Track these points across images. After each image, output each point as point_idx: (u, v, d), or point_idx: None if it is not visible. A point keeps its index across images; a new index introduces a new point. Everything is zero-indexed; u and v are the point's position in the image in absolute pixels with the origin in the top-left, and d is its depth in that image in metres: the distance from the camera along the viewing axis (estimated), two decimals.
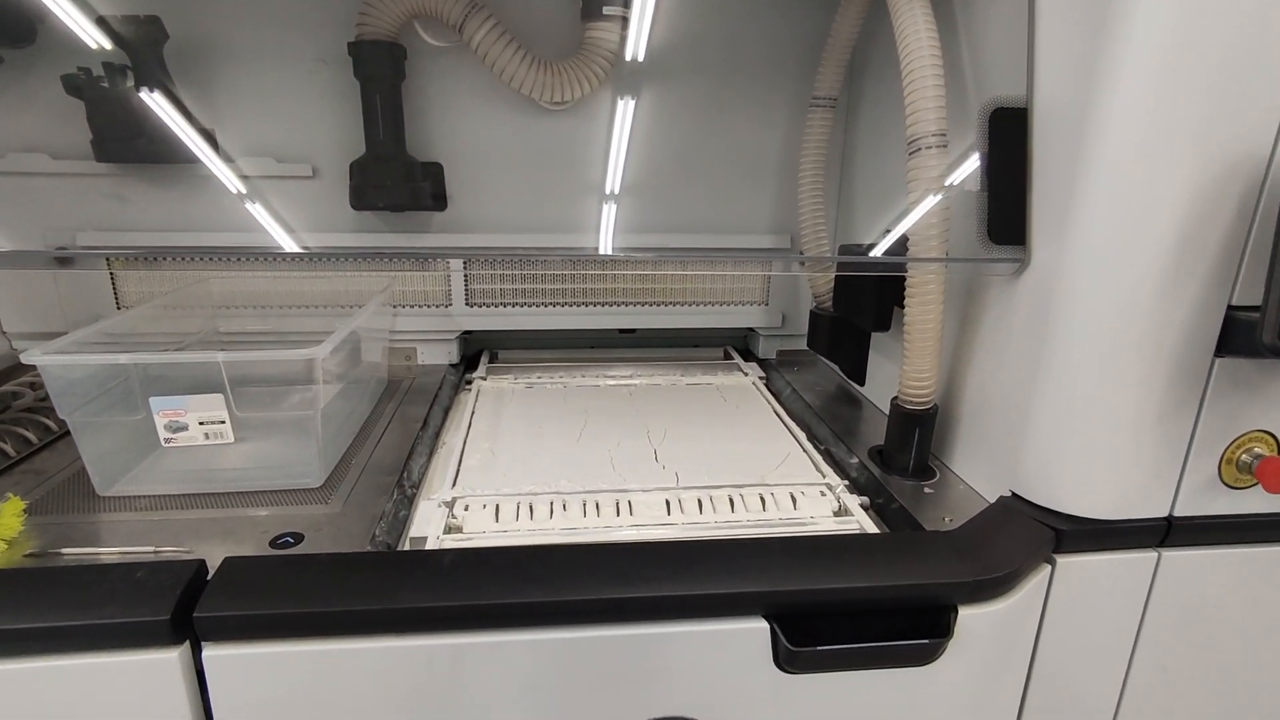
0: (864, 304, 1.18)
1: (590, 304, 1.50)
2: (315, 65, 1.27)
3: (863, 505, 0.98)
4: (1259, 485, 0.84)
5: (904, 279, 0.99)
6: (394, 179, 1.29)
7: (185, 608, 0.66)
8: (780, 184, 1.46)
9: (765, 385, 1.43)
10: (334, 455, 1.04)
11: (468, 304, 1.47)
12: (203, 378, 0.92)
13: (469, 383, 1.42)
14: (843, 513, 0.96)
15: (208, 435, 0.93)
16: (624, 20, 1.24)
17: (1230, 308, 0.77)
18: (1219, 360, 0.79)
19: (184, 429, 0.92)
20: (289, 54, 1.27)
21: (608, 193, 1.41)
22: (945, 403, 1.05)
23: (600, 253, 1.46)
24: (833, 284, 1.32)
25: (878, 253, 1.08)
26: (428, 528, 0.89)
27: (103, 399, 0.93)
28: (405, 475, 1.02)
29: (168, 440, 0.92)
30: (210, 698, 0.68)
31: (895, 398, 1.04)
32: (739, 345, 1.67)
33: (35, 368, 0.86)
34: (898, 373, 1.02)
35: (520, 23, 1.26)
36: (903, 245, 0.98)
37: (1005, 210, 0.88)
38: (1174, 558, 0.86)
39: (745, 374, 1.48)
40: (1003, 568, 0.76)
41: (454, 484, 1.00)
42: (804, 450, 1.13)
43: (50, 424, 1.10)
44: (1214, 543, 0.87)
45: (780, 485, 1.00)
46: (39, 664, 0.65)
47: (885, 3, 0.94)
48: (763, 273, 1.54)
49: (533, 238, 1.43)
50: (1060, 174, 0.81)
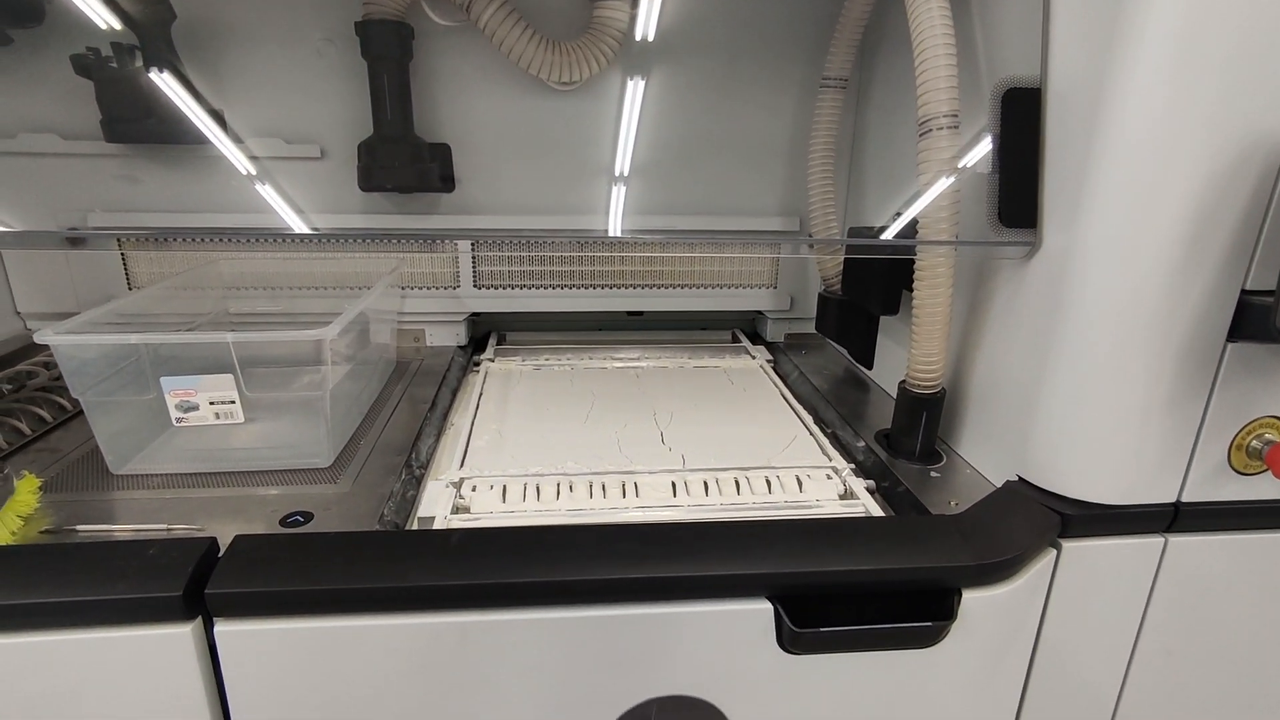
0: (873, 287, 1.18)
1: (598, 286, 1.50)
2: (323, 45, 1.27)
3: (868, 489, 0.98)
4: (1269, 471, 0.84)
5: (913, 262, 0.98)
6: (402, 160, 1.29)
7: (197, 584, 0.67)
8: (790, 165, 1.45)
9: (773, 368, 1.43)
10: (343, 435, 1.05)
11: (476, 286, 1.47)
12: (213, 358, 0.92)
13: (477, 364, 1.43)
14: (848, 496, 0.96)
15: (218, 415, 0.94)
16: (633, 0, 1.23)
17: (1244, 292, 0.76)
18: (1231, 345, 0.78)
19: (195, 409, 0.93)
20: (297, 34, 1.26)
21: (616, 174, 1.40)
22: (953, 387, 1.04)
23: (608, 234, 1.46)
24: (841, 267, 1.31)
25: (887, 235, 1.07)
26: (435, 508, 0.90)
27: (114, 379, 0.94)
28: (413, 456, 1.03)
29: (179, 420, 0.93)
30: (223, 671, 0.69)
31: (903, 381, 1.03)
32: (747, 328, 1.67)
33: (49, 347, 0.88)
34: (906, 356, 1.02)
35: (528, 1, 1.24)
36: (912, 228, 0.97)
37: (1017, 193, 0.87)
38: (1181, 543, 0.86)
39: (753, 357, 1.48)
40: (1007, 552, 0.76)
41: (462, 464, 1.00)
42: (811, 433, 1.13)
43: (64, 403, 1.11)
44: (1222, 529, 0.87)
45: (786, 468, 1.00)
46: (56, 637, 0.66)
47: None
48: (771, 255, 1.53)
49: (541, 219, 1.42)
50: (1073, 156, 0.80)
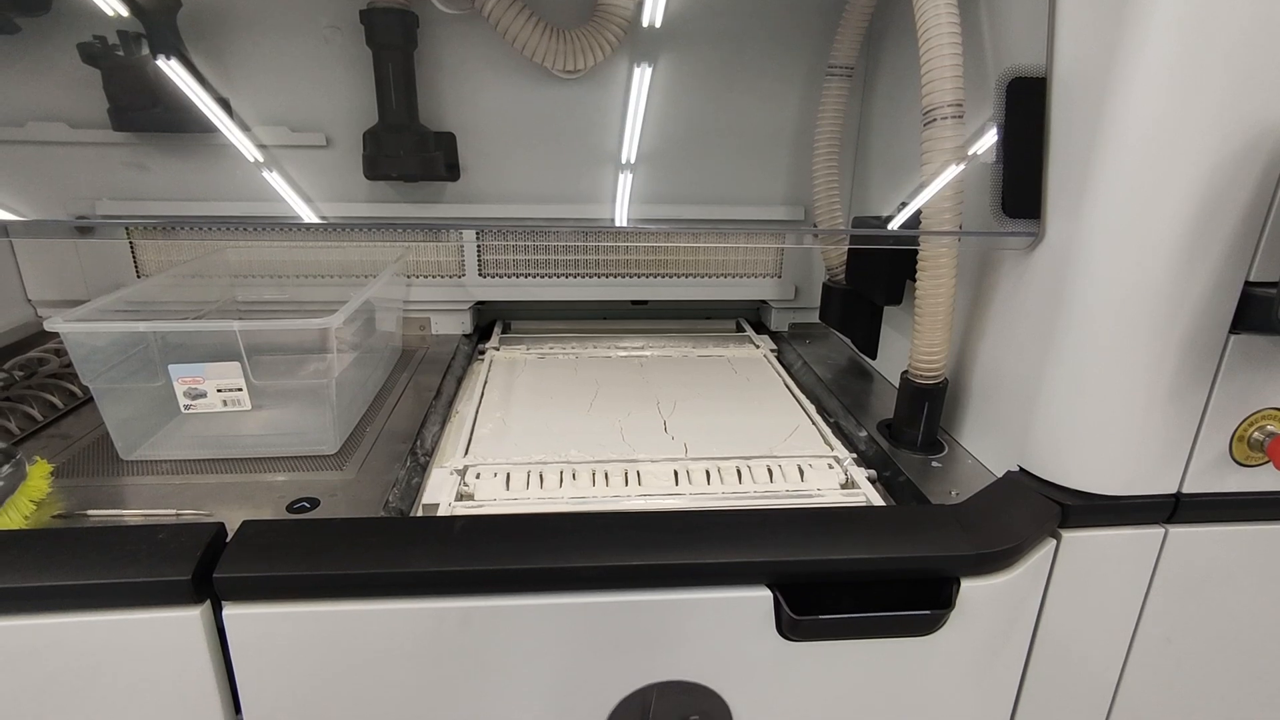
0: (877, 277, 1.18)
1: (603, 275, 1.50)
2: (330, 32, 1.27)
3: (870, 478, 0.98)
4: (1270, 463, 0.84)
5: (917, 252, 0.98)
6: (407, 149, 1.29)
7: (206, 568, 0.68)
8: (795, 155, 1.44)
9: (776, 357, 1.43)
10: (349, 423, 1.06)
11: (481, 275, 1.48)
12: (220, 346, 0.93)
13: (482, 353, 1.43)
14: (850, 485, 0.96)
15: (225, 402, 0.95)
16: None
17: (1247, 284, 0.76)
18: (1234, 337, 0.78)
19: (203, 396, 0.94)
20: (302, 22, 1.26)
21: (621, 163, 1.40)
22: (955, 377, 1.05)
23: (613, 224, 1.46)
24: (846, 257, 1.31)
25: (892, 226, 1.07)
26: (440, 495, 0.90)
27: (123, 366, 0.95)
28: (418, 443, 1.04)
29: (187, 407, 0.94)
30: (231, 654, 0.70)
31: (905, 371, 1.04)
32: (751, 317, 1.67)
33: (59, 334, 0.89)
34: (909, 347, 1.02)
35: None
36: (916, 218, 0.97)
37: (1020, 183, 0.87)
38: (1181, 534, 0.86)
39: (757, 346, 1.48)
40: (1005, 542, 0.77)
41: (466, 452, 1.01)
42: (813, 423, 1.13)
43: (75, 389, 1.13)
44: (1223, 520, 0.87)
45: (788, 457, 1.01)
46: (68, 620, 0.67)
47: None
48: (775, 245, 1.53)
49: (545, 208, 1.42)
50: (1078, 146, 0.79)
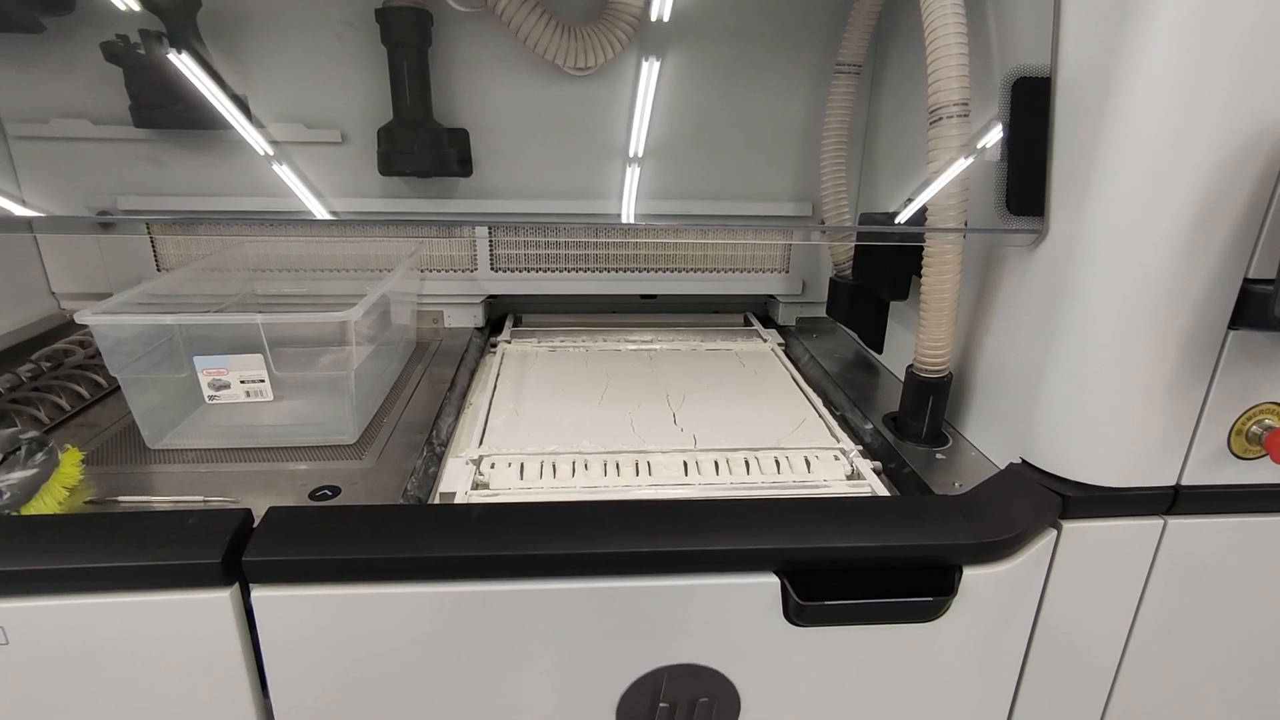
0: (883, 273, 1.20)
1: (612, 270, 1.53)
2: (343, 29, 1.29)
3: (875, 470, 1.00)
4: (1268, 456, 0.85)
5: (922, 249, 1.00)
6: (421, 145, 1.32)
7: (235, 552, 0.71)
8: (803, 151, 1.46)
9: (784, 351, 1.45)
10: (366, 413, 1.09)
11: (493, 269, 1.50)
12: (242, 338, 0.96)
13: (494, 345, 1.46)
14: (855, 477, 0.99)
15: (248, 393, 0.97)
16: None
17: (1246, 280, 0.77)
18: (1233, 332, 0.80)
19: (226, 387, 0.97)
20: (318, 21, 1.29)
21: (630, 158, 1.42)
22: (960, 371, 1.06)
23: (622, 220, 1.48)
24: (853, 253, 1.33)
25: (898, 222, 1.09)
26: (456, 483, 0.93)
27: (149, 357, 0.98)
28: (434, 434, 1.06)
29: (211, 397, 0.97)
30: (259, 634, 0.73)
31: (911, 365, 1.06)
32: (759, 312, 1.69)
33: (84, 326, 0.91)
34: (914, 341, 1.04)
35: None
36: (922, 215, 0.99)
37: (1025, 181, 0.88)
38: (1180, 525, 0.88)
39: (764, 340, 1.51)
40: (1007, 531, 0.79)
41: (480, 443, 1.04)
42: (820, 416, 1.15)
43: (100, 380, 1.16)
44: (1221, 511, 0.89)
45: (795, 449, 1.03)
46: (103, 600, 0.70)
47: None
48: (783, 241, 1.55)
49: (556, 203, 1.45)
50: (1081, 145, 0.81)
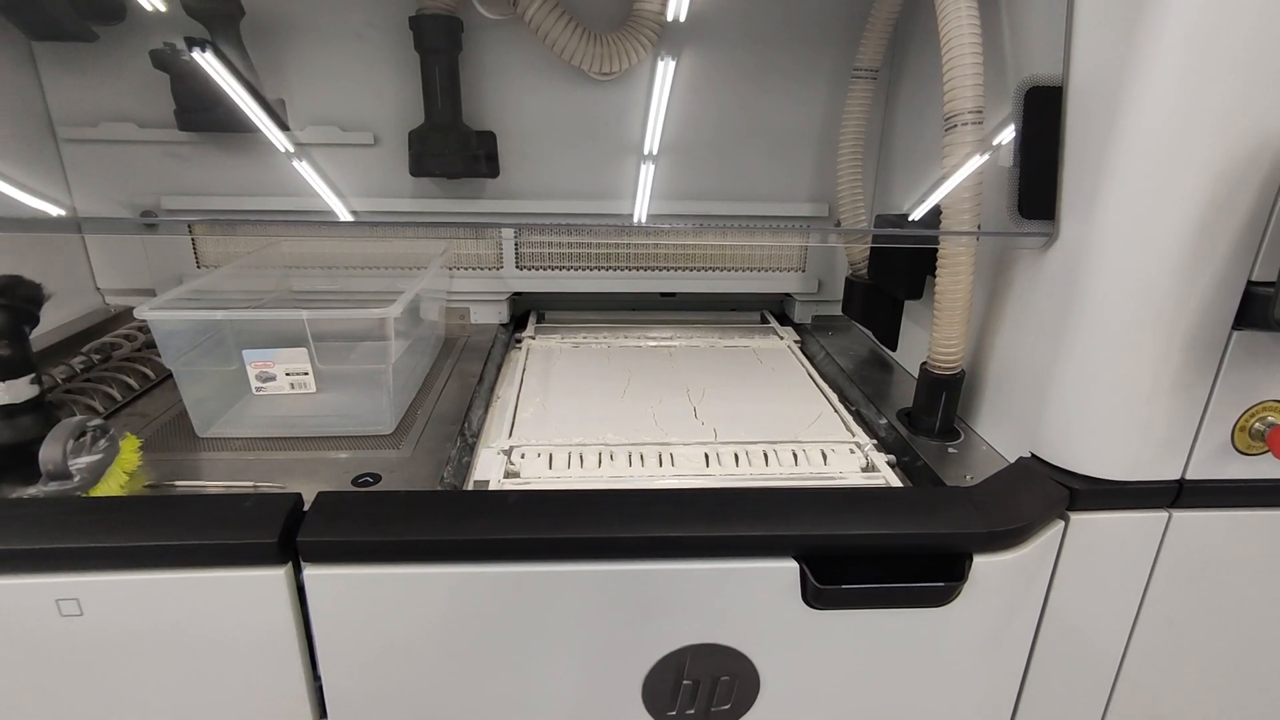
0: (898, 273, 1.23)
1: (633, 268, 1.57)
2: (363, 28, 1.34)
3: (889, 463, 1.04)
4: (1270, 452, 0.89)
5: (936, 250, 1.03)
6: (451, 147, 1.36)
7: (289, 533, 0.76)
8: (820, 154, 1.50)
9: (800, 349, 1.49)
10: (402, 405, 1.14)
11: (518, 267, 1.55)
12: (284, 332, 1.01)
13: (519, 342, 1.50)
14: (870, 469, 1.02)
15: (293, 385, 1.03)
16: None
17: (1249, 283, 0.80)
18: (1236, 333, 0.82)
19: (272, 379, 1.02)
20: (353, 29, 1.34)
21: (652, 160, 1.46)
22: (972, 368, 1.10)
23: (643, 221, 1.52)
24: (868, 253, 1.36)
25: (912, 224, 1.12)
26: (489, 472, 0.98)
27: (196, 350, 1.03)
28: (466, 425, 1.11)
29: (258, 389, 1.02)
30: (309, 610, 0.78)
31: (924, 363, 1.09)
32: (776, 310, 1.72)
33: (130, 320, 0.97)
34: (928, 339, 1.07)
35: None
36: (936, 217, 1.02)
37: (1036, 186, 0.92)
38: (1184, 518, 0.91)
39: (781, 337, 1.54)
40: (1015, 521, 0.82)
41: (510, 434, 1.08)
42: (835, 411, 1.19)
43: (148, 372, 1.22)
44: (1224, 505, 0.92)
45: (812, 442, 1.07)
46: (166, 576, 0.75)
47: None
48: (800, 242, 1.58)
49: (579, 204, 1.49)
50: (1091, 152, 0.84)
